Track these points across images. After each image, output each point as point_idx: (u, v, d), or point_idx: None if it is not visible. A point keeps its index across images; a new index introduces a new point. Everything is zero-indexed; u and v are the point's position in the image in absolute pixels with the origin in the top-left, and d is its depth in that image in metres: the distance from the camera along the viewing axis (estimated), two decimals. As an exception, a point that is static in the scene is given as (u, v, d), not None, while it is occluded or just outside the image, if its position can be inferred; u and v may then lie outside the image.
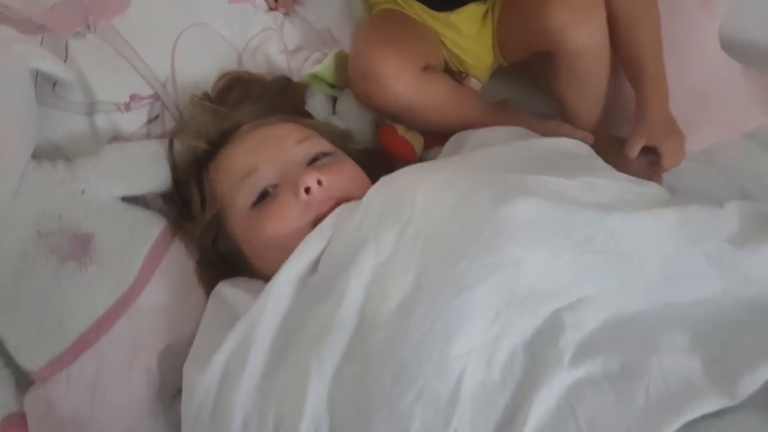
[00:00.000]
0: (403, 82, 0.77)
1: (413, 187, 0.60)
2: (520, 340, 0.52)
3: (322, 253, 0.60)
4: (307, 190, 0.64)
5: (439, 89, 0.82)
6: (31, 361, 0.63)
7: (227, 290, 0.65)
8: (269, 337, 0.57)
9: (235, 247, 0.70)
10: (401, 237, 0.57)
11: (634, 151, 0.78)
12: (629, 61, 0.82)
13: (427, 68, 0.82)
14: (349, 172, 0.69)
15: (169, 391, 0.68)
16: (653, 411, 0.48)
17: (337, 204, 0.64)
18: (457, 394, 0.49)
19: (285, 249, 0.62)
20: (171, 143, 0.75)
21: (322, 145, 0.71)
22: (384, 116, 0.87)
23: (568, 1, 0.75)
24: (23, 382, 0.65)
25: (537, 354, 0.51)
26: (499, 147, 0.72)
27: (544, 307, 0.53)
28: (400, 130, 0.86)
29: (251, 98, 0.78)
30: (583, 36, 0.76)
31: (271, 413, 0.53)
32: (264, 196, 0.66)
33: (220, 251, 0.71)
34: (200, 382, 0.57)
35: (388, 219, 0.59)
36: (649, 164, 0.81)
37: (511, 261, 0.54)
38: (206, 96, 0.79)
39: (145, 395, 0.66)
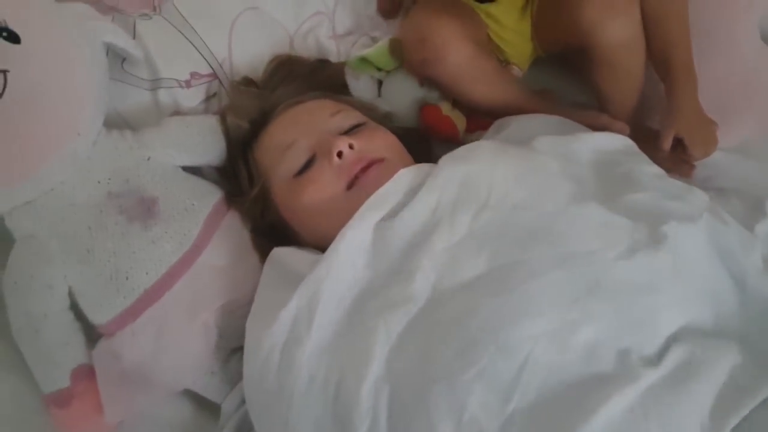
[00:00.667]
0: (461, 50, 0.80)
1: (490, 172, 0.63)
2: (601, 332, 0.52)
3: (383, 219, 0.62)
4: (340, 154, 0.67)
5: (489, 65, 0.85)
6: (100, 314, 0.68)
7: (284, 252, 0.68)
8: (335, 298, 0.59)
9: (281, 218, 0.75)
10: (475, 220, 0.60)
11: (668, 143, 0.78)
12: (658, 54, 0.82)
13: (478, 44, 0.85)
14: (381, 138, 0.72)
15: (225, 349, 0.73)
16: (719, 409, 0.48)
17: (370, 164, 0.67)
18: (520, 377, 0.50)
19: (324, 214, 0.67)
20: (223, 120, 0.80)
21: (355, 116, 0.75)
22: (430, 94, 0.90)
23: None
24: (92, 335, 0.71)
25: (619, 349, 0.51)
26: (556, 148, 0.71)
27: (633, 300, 0.54)
28: (444, 109, 0.89)
29: (291, 78, 0.83)
30: (615, 31, 0.77)
31: (335, 374, 0.55)
32: (304, 167, 0.71)
33: (269, 222, 0.76)
34: (267, 337, 0.59)
35: (464, 202, 0.61)
36: (680, 155, 0.81)
37: (586, 252, 0.56)
38: (246, 80, 0.84)
39: (204, 350, 0.70)
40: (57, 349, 0.68)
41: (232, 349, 0.74)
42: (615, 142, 0.73)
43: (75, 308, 0.70)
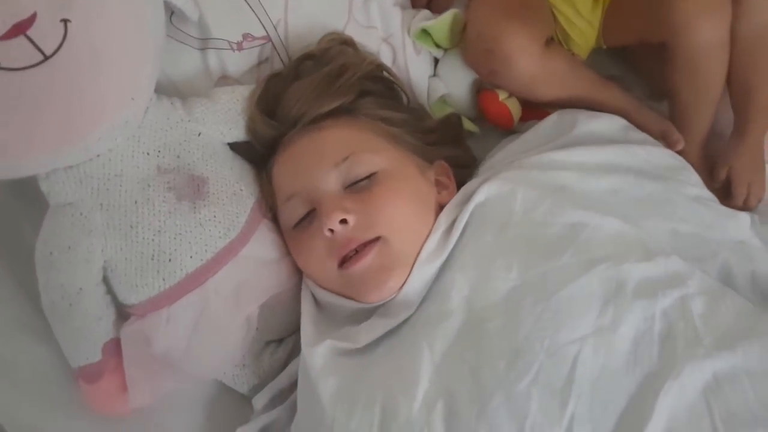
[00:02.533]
0: (530, 58, 0.80)
1: (511, 196, 0.69)
2: (638, 327, 0.59)
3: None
4: (332, 230, 0.67)
5: (559, 65, 0.86)
6: (133, 294, 0.68)
7: (318, 293, 0.72)
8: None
9: None
10: (500, 237, 0.67)
11: (721, 176, 0.84)
12: (740, 85, 0.84)
13: (549, 41, 0.86)
14: (385, 201, 0.69)
15: (259, 342, 0.75)
16: None
17: (360, 245, 0.67)
18: (572, 379, 0.56)
19: (322, 281, 0.71)
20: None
21: (367, 163, 0.71)
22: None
23: None
24: (122, 310, 0.71)
25: (668, 342, 0.58)
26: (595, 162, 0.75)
27: (664, 292, 0.60)
28: (501, 95, 0.91)
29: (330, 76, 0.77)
30: (708, 31, 0.77)
31: (379, 396, 0.60)
32: (301, 220, 0.72)
33: None
34: (307, 357, 0.66)
35: (487, 223, 0.68)
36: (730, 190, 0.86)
37: (611, 255, 0.63)
38: (272, 78, 0.79)
39: (240, 344, 0.72)
40: (90, 323, 0.68)
41: (265, 343, 0.76)
42: (665, 158, 0.78)
43: (106, 282, 0.70)
